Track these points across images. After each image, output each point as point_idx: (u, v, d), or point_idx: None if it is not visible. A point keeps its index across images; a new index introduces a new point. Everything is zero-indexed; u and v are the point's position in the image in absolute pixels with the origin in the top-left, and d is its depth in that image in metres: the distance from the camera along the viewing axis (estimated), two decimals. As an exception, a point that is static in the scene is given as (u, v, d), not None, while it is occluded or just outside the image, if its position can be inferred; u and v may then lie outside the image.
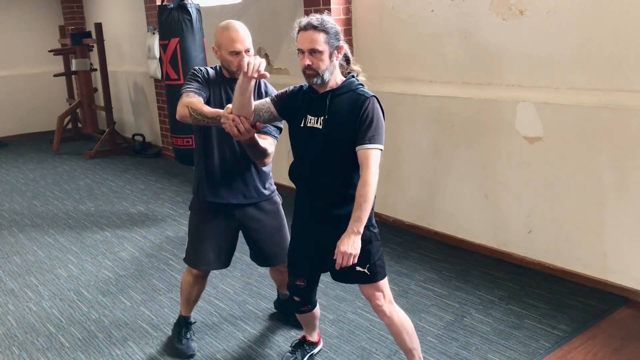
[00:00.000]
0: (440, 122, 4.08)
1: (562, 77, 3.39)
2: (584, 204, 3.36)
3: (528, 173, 3.60)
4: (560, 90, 3.40)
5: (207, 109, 2.49)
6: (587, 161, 3.30)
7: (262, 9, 5.58)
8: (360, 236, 2.15)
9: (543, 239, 3.60)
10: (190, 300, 2.94)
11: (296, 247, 2.50)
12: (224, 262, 2.86)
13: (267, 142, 2.59)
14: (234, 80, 2.58)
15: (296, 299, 2.56)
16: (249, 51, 2.60)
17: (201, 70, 2.68)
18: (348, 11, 4.57)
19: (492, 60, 3.73)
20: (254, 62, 2.20)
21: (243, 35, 2.59)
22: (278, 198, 2.95)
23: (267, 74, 2.27)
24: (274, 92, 2.67)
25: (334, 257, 2.15)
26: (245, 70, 2.19)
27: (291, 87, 2.42)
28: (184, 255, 2.89)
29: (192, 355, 2.88)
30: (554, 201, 3.50)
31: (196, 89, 2.59)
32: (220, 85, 2.67)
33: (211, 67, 2.74)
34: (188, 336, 2.94)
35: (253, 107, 2.36)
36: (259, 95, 2.68)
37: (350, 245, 2.12)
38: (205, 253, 2.79)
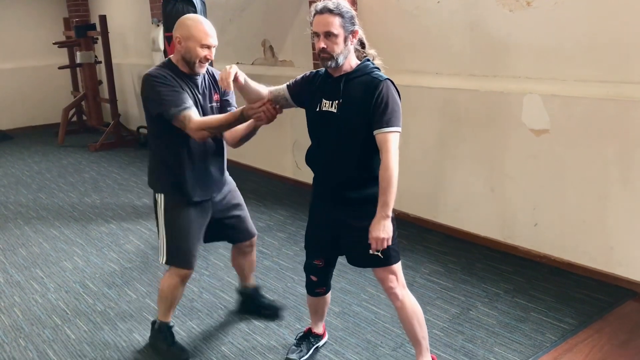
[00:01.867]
0: (446, 114, 4.06)
1: (570, 69, 3.36)
2: (590, 197, 3.34)
3: (534, 166, 3.58)
4: (568, 82, 3.38)
5: (223, 117, 2.54)
6: (594, 154, 3.28)
7: (266, 1, 5.56)
8: (389, 219, 2.19)
9: (549, 232, 3.58)
10: (175, 304, 2.86)
11: (313, 228, 2.53)
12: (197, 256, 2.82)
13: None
14: (192, 76, 2.63)
15: (313, 278, 2.58)
16: (215, 48, 2.63)
17: (164, 76, 2.56)
18: (354, 2, 4.54)
19: (499, 52, 3.70)
20: (223, 76, 2.29)
21: (214, 32, 2.61)
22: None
23: (237, 82, 2.33)
24: (231, 97, 2.77)
25: (369, 242, 2.20)
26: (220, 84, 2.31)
27: (307, 73, 2.45)
28: (164, 258, 2.72)
29: (188, 357, 2.82)
30: (561, 194, 3.48)
31: (185, 102, 2.53)
32: (186, 87, 2.61)
33: (161, 68, 2.62)
34: (175, 340, 2.86)
35: (267, 93, 2.44)
36: (217, 94, 2.74)
37: (382, 230, 2.18)
38: (193, 251, 2.74)
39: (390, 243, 2.21)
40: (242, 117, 2.47)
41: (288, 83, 2.46)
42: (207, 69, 2.72)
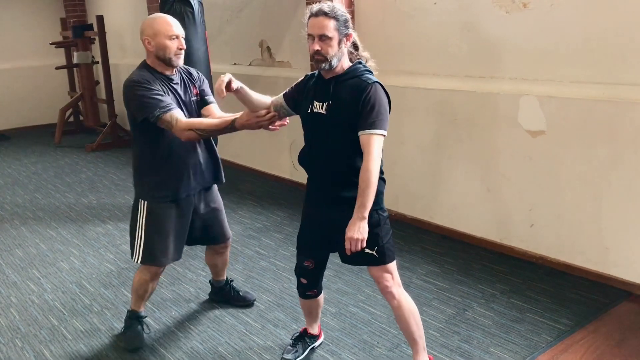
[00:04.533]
0: (442, 115, 4.07)
1: (566, 70, 3.38)
2: (586, 198, 3.35)
3: (530, 167, 3.59)
4: (564, 83, 3.39)
5: (213, 123, 2.57)
6: (590, 155, 3.30)
7: (264, 2, 5.56)
8: (366, 221, 2.19)
9: (545, 232, 3.59)
10: (146, 297, 2.95)
11: (305, 228, 2.54)
12: (180, 253, 2.88)
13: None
14: (169, 76, 2.67)
15: (303, 280, 2.59)
16: (183, 37, 2.67)
17: (146, 80, 2.60)
18: (351, 3, 4.56)
19: (495, 53, 3.71)
20: (217, 86, 2.30)
21: (176, 21, 2.67)
22: None
23: (230, 89, 2.35)
24: (206, 86, 2.82)
25: (344, 244, 2.21)
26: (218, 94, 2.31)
27: (301, 79, 2.47)
28: (140, 258, 2.78)
29: (137, 348, 2.89)
30: (557, 195, 3.49)
31: (169, 104, 2.56)
32: (165, 87, 2.65)
33: (140, 71, 2.65)
34: (139, 329, 2.96)
35: (269, 102, 2.49)
36: (197, 94, 2.79)
37: (357, 231, 2.18)
38: (168, 248, 2.79)
39: (364, 245, 2.20)
40: (232, 126, 2.50)
41: (284, 93, 2.49)
42: (180, 67, 2.76)
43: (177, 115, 2.54)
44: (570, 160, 3.39)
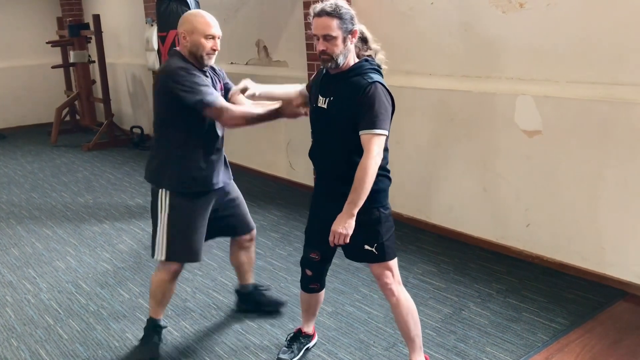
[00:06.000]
0: (439, 115, 4.07)
1: (562, 70, 3.38)
2: (582, 198, 3.36)
3: (527, 166, 3.60)
4: (560, 83, 3.40)
5: (262, 112, 2.62)
6: (586, 155, 3.30)
7: (261, 1, 5.56)
8: (354, 218, 2.20)
9: (541, 232, 3.60)
10: (164, 302, 2.84)
11: (312, 221, 2.57)
12: (201, 253, 2.82)
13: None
14: (202, 71, 2.65)
15: (308, 272, 2.60)
16: (220, 38, 2.68)
17: (190, 67, 2.59)
18: (348, 3, 4.55)
19: (492, 53, 3.72)
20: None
21: (216, 22, 2.66)
22: None
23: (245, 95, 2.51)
24: (228, 79, 2.87)
25: (330, 236, 2.24)
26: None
27: (315, 74, 2.51)
28: (164, 255, 2.69)
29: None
30: (553, 195, 3.50)
31: (217, 93, 2.61)
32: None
33: (179, 61, 2.61)
34: (156, 340, 2.84)
35: (301, 90, 2.61)
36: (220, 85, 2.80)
37: (342, 226, 2.20)
38: (199, 244, 2.74)
39: (347, 240, 2.22)
40: (278, 114, 2.60)
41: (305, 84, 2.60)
42: None
43: (227, 104, 2.59)
44: (567, 160, 3.40)
